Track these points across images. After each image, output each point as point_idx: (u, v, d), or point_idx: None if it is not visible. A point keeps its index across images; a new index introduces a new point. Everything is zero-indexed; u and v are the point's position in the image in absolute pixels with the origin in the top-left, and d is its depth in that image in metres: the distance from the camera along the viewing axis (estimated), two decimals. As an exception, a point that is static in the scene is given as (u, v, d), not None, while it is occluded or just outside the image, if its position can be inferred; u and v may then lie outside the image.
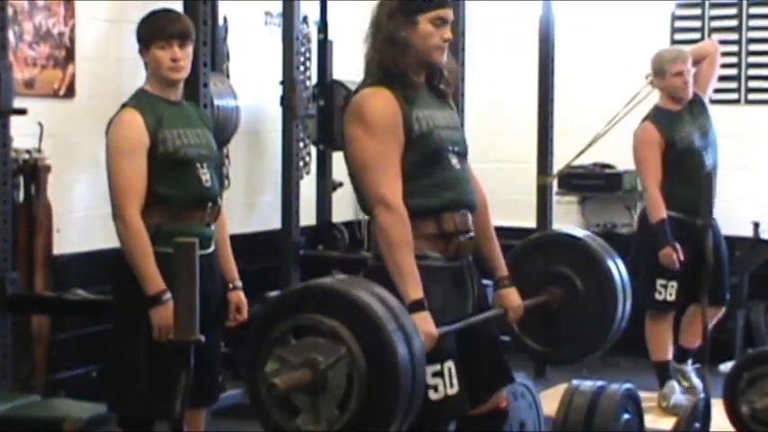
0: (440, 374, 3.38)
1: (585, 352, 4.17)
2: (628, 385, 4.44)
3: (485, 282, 3.77)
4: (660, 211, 5.85)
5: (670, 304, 5.97)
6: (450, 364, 3.41)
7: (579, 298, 4.00)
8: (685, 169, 5.84)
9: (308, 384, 2.94)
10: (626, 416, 4.36)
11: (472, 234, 3.58)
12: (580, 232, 4.33)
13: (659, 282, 5.93)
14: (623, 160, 7.51)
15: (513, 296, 3.81)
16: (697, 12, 7.53)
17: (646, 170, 5.95)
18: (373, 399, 2.93)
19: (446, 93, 3.66)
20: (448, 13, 3.52)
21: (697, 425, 4.71)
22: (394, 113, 3.45)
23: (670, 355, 6.10)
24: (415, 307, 3.27)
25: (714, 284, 5.80)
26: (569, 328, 4.03)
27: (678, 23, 7.60)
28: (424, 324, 3.26)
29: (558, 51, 7.09)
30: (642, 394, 4.60)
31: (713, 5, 7.49)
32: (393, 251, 3.36)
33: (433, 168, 3.50)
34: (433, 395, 3.36)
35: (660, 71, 6.02)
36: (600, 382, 4.42)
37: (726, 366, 6.09)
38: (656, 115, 6.02)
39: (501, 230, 4.09)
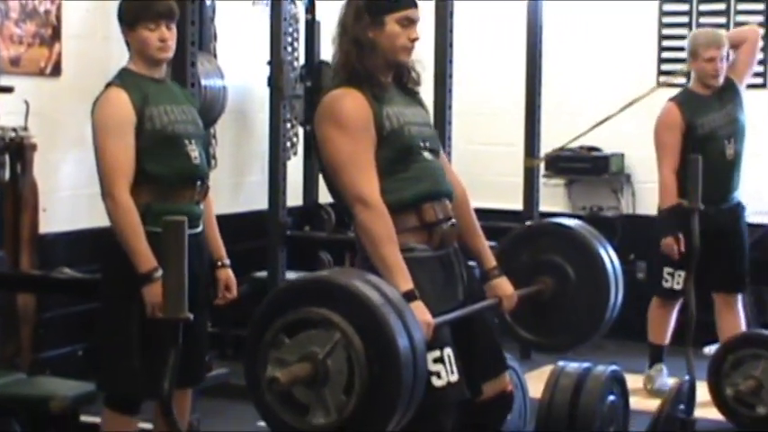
0: (440, 360, 3.37)
1: (579, 340, 4.17)
2: (613, 367, 4.46)
3: (471, 263, 3.77)
4: (669, 198, 5.76)
5: (676, 293, 5.90)
6: (449, 351, 3.41)
7: (571, 287, 4.01)
8: (705, 156, 5.43)
9: (309, 377, 2.94)
10: (611, 397, 4.38)
11: (454, 221, 3.58)
12: (570, 221, 4.33)
13: (666, 270, 5.90)
14: (610, 144, 7.54)
15: (505, 285, 3.80)
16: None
17: (662, 153, 5.83)
18: (376, 377, 2.93)
19: (415, 91, 3.67)
20: (415, 13, 3.52)
21: (681, 407, 4.73)
22: (365, 112, 3.45)
23: (666, 341, 6.08)
24: (408, 298, 3.26)
25: (730, 270, 5.88)
26: (562, 316, 4.03)
27: (666, 7, 7.60)
28: (420, 313, 3.26)
29: (546, 35, 7.09)
30: (628, 376, 4.61)
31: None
32: (377, 247, 3.37)
33: (407, 163, 3.50)
34: (436, 382, 3.36)
35: (693, 53, 5.84)
36: (585, 364, 4.44)
37: (710, 349, 6.11)
38: (682, 98, 5.89)
39: (488, 212, 4.12)
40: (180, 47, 4.26)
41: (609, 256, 4.07)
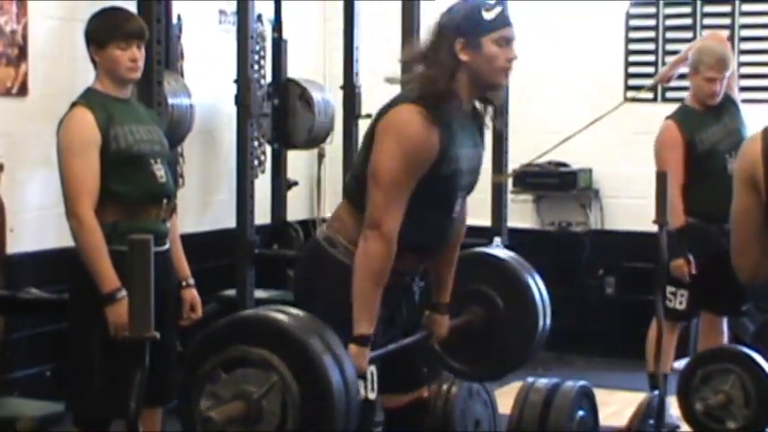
0: (362, 377, 3.34)
1: (508, 369, 4.17)
2: (582, 383, 4.47)
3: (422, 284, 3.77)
4: (677, 219, 5.55)
5: (679, 313, 5.78)
6: (372, 369, 3.39)
7: (500, 316, 4.00)
8: (705, 173, 5.60)
9: (242, 416, 2.91)
10: (581, 413, 4.39)
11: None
12: (497, 250, 4.32)
13: (669, 289, 5.71)
14: (578, 159, 7.57)
15: (444, 325, 3.79)
16: (651, 10, 7.57)
17: (668, 173, 5.54)
18: (309, 422, 2.91)
19: (482, 122, 3.58)
20: (511, 32, 3.42)
21: (651, 422, 4.74)
22: (432, 145, 3.31)
23: (669, 368, 5.91)
24: (361, 341, 3.27)
25: (731, 294, 5.74)
26: (491, 346, 4.02)
27: (633, 22, 7.65)
28: (360, 358, 3.26)
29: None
30: (597, 391, 4.62)
31: (667, 4, 7.54)
32: (367, 281, 3.32)
33: (436, 210, 3.45)
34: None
35: (695, 68, 5.72)
36: (554, 380, 4.45)
37: (680, 364, 6.12)
38: (680, 115, 5.76)
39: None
40: (146, 66, 4.26)
41: (537, 286, 4.07)
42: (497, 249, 4.32)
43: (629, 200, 7.35)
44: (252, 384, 2.92)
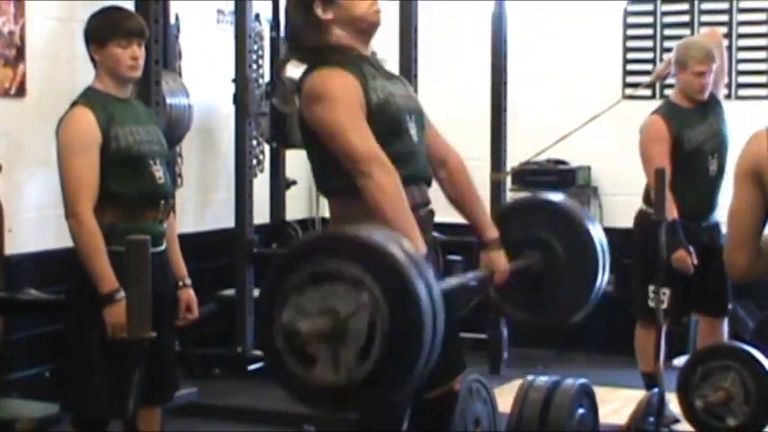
0: None
1: (565, 317, 4.11)
2: (582, 380, 4.46)
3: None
4: (671, 212, 5.32)
5: (661, 312, 5.66)
6: None
7: (559, 262, 3.93)
8: (690, 172, 5.54)
9: (328, 332, 2.84)
10: (581, 411, 4.38)
11: (431, 207, 3.54)
12: (556, 196, 4.27)
13: (652, 288, 5.53)
14: (576, 156, 7.56)
15: (501, 259, 3.73)
16: (649, 7, 7.57)
17: (652, 168, 5.30)
18: (394, 348, 2.84)
19: (387, 69, 3.63)
20: None
21: (651, 419, 4.73)
22: (354, 87, 3.40)
23: (658, 366, 5.88)
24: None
25: (714, 293, 5.70)
26: (549, 293, 3.95)
27: (631, 20, 7.65)
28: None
29: (511, 48, 7.11)
30: (597, 389, 4.62)
31: (665, 1, 7.53)
32: (397, 209, 3.30)
33: (393, 139, 3.44)
34: None
35: (682, 63, 5.62)
36: (554, 378, 4.44)
37: (679, 361, 6.12)
38: (667, 110, 5.67)
39: (454, 227, 4.10)
40: (145, 66, 4.25)
41: (596, 231, 4.00)
42: (557, 195, 4.24)
43: (628, 197, 7.33)
44: (340, 301, 2.85)
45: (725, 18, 7.36)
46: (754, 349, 5.13)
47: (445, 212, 3.87)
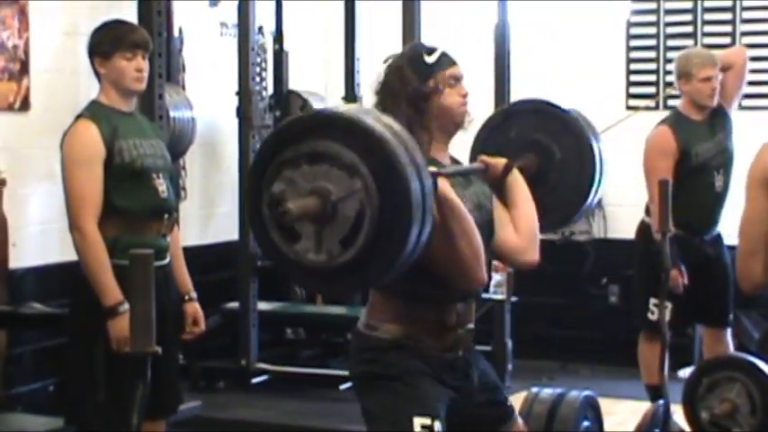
0: (429, 428, 3.25)
1: (560, 222, 4.09)
2: (587, 392, 4.45)
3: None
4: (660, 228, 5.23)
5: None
6: (439, 426, 3.26)
7: (556, 165, 3.88)
8: (695, 186, 5.48)
9: (317, 213, 2.85)
10: (586, 423, 4.37)
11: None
12: (557, 102, 4.17)
13: (652, 301, 5.60)
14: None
15: (498, 159, 3.59)
16: (652, 18, 7.57)
17: (654, 180, 5.21)
18: (379, 240, 2.84)
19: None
20: (459, 71, 3.41)
21: (657, 431, 4.72)
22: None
23: (661, 378, 5.85)
24: None
25: (716, 304, 5.68)
26: (545, 195, 3.83)
27: (633, 30, 7.65)
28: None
29: (514, 61, 7.10)
30: (601, 401, 4.61)
31: (668, 12, 7.53)
32: None
33: None
34: None
35: (686, 74, 5.56)
36: (559, 390, 4.43)
37: (685, 372, 6.11)
38: (675, 121, 5.59)
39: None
40: (148, 79, 4.25)
41: (596, 141, 3.96)
42: (558, 102, 4.16)
43: (632, 208, 7.33)
44: (333, 185, 2.85)
45: (728, 29, 7.37)
46: (759, 360, 5.11)
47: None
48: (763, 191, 3.28)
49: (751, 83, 7.06)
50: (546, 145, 3.89)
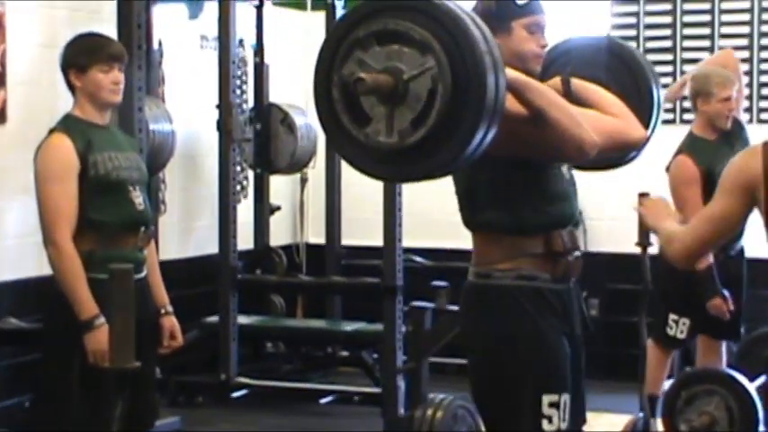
0: (556, 406, 3.23)
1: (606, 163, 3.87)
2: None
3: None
4: (706, 258, 5.25)
5: (678, 341, 5.67)
6: (566, 398, 3.26)
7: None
8: None
9: (388, 91, 2.82)
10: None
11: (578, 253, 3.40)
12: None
13: (671, 316, 5.58)
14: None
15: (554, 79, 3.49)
16: (632, 33, 7.58)
17: (688, 211, 5.03)
18: (451, 118, 2.82)
19: None
20: (544, 20, 3.34)
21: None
22: None
23: (660, 391, 5.71)
24: None
25: (733, 319, 5.56)
26: None
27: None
28: None
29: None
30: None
31: (648, 30, 7.55)
32: None
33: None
34: (546, 426, 3.21)
35: (706, 93, 5.46)
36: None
37: (664, 385, 6.11)
38: (693, 146, 5.49)
39: (441, 252, 4.08)
40: (127, 92, 4.24)
41: (656, 84, 3.75)
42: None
43: (613, 222, 7.35)
44: (405, 63, 2.83)
45: (745, 42, 7.34)
46: (737, 373, 5.13)
47: (429, 238, 3.86)
48: (736, 197, 3.24)
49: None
50: (604, 83, 3.66)
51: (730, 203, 3.23)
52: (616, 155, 3.59)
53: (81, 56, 4.08)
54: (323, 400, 6.43)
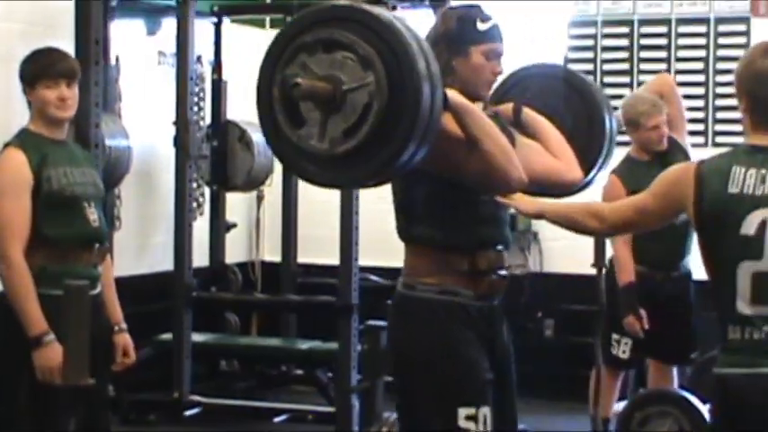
0: (474, 419, 3.25)
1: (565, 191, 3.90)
2: (522, 427, 4.45)
3: None
4: (627, 275, 5.45)
5: (621, 361, 5.68)
6: (485, 411, 3.28)
7: (566, 128, 3.75)
8: None
9: (324, 98, 2.90)
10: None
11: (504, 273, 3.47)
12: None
13: (614, 336, 5.60)
14: (516, 202, 7.57)
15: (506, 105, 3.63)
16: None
17: None
18: (381, 136, 2.90)
19: None
20: (501, 48, 3.41)
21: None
22: None
23: (611, 413, 5.76)
24: None
25: (678, 342, 5.64)
26: None
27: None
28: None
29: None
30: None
31: (605, 36, 7.60)
32: None
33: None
34: None
35: (634, 123, 5.55)
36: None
37: (618, 406, 6.14)
38: (624, 168, 5.57)
39: (393, 271, 4.06)
40: (84, 108, 4.23)
41: (608, 113, 3.89)
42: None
43: (568, 242, 7.38)
44: (346, 74, 2.90)
45: (700, 66, 7.40)
46: (690, 395, 5.16)
47: (385, 257, 3.86)
48: (665, 202, 3.29)
49: (723, 120, 7.12)
50: (558, 111, 3.80)
51: (657, 204, 3.30)
52: (549, 191, 3.64)
53: (30, 72, 4.08)
54: (277, 419, 6.41)
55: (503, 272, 3.45)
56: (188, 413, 6.46)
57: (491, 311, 3.44)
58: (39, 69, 4.05)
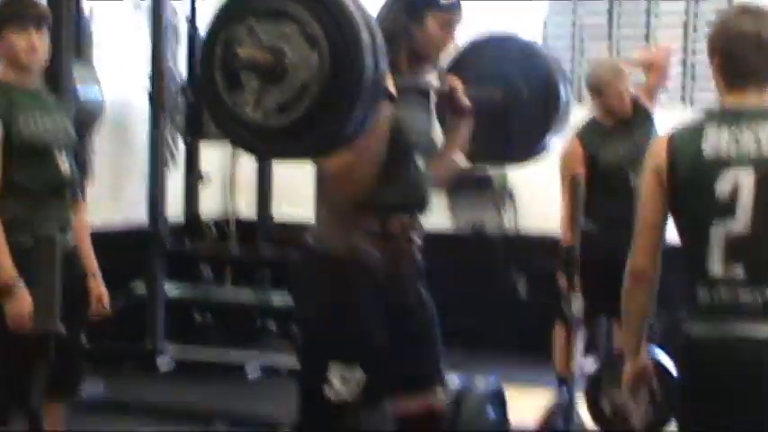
0: (343, 377, 3.29)
1: (522, 154, 4.13)
2: (493, 379, 4.47)
3: None
4: (566, 236, 5.47)
5: (575, 319, 5.36)
6: (359, 373, 3.29)
7: (521, 99, 3.88)
8: (607, 187, 5.52)
9: (264, 69, 2.87)
10: (491, 412, 4.40)
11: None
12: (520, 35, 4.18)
13: (567, 294, 5.36)
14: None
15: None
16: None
17: (563, 189, 5.57)
18: (315, 118, 2.86)
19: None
20: (457, 18, 3.45)
21: (560, 421, 4.77)
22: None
23: (567, 370, 5.42)
24: None
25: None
26: (508, 127, 3.93)
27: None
28: None
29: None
30: (509, 388, 4.63)
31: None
32: None
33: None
34: (327, 391, 3.28)
35: (597, 90, 5.59)
36: (465, 377, 4.44)
37: (587, 364, 6.16)
38: (585, 130, 5.63)
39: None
40: (54, 54, 4.17)
41: (562, 78, 4.00)
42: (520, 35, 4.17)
43: (543, 202, 7.40)
44: (291, 50, 2.86)
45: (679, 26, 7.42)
46: (660, 352, 5.18)
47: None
48: (658, 188, 3.30)
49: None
50: (513, 79, 3.88)
51: (656, 201, 3.30)
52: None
53: None
54: (250, 374, 6.42)
55: (416, 237, 3.48)
56: (160, 364, 6.47)
57: (400, 275, 3.45)
58: (6, 16, 4.00)
